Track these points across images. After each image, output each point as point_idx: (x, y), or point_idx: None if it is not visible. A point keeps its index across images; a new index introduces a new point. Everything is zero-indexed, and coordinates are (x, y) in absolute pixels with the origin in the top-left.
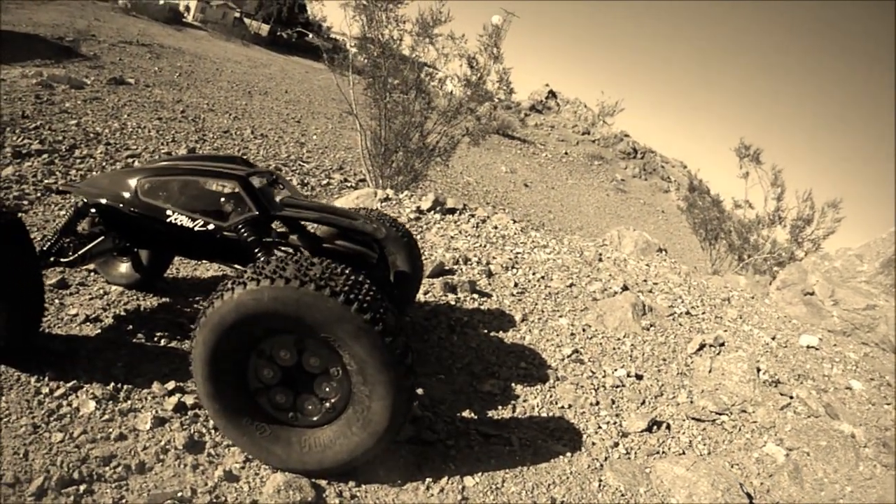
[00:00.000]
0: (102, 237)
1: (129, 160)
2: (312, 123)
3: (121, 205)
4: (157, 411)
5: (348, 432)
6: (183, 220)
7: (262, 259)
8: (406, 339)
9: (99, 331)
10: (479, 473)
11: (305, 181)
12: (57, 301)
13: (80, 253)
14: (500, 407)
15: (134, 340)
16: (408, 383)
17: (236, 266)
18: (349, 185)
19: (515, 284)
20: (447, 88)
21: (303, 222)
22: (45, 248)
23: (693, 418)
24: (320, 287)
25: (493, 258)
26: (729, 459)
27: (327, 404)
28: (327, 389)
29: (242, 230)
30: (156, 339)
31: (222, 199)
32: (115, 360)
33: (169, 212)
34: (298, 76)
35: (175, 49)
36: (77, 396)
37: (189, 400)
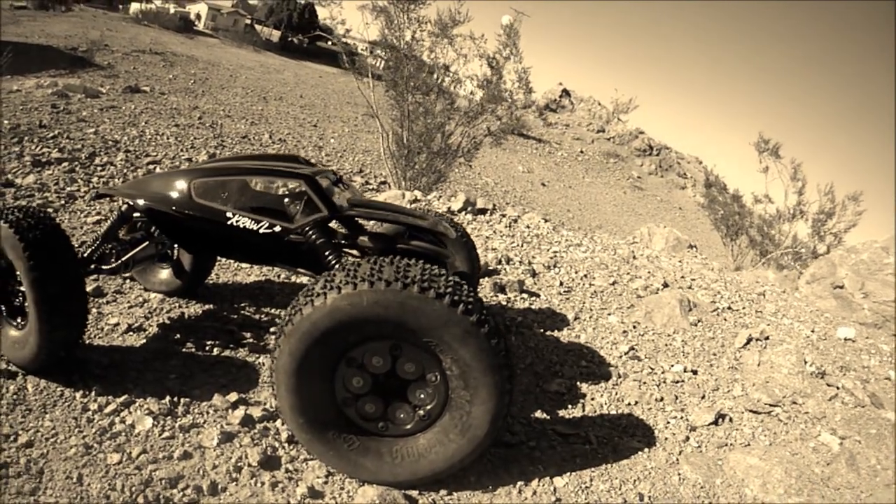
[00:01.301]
0: (146, 243)
1: (151, 167)
2: (329, 127)
3: (173, 208)
4: (222, 426)
5: (445, 439)
6: (246, 223)
7: (337, 261)
8: (506, 341)
9: (144, 341)
10: (567, 473)
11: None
12: (95, 310)
13: (122, 259)
14: (569, 406)
15: (183, 350)
16: (509, 386)
17: (300, 270)
18: (370, 187)
19: (561, 283)
20: (466, 89)
21: (362, 222)
22: (85, 255)
23: (750, 411)
24: (424, 289)
25: (533, 258)
26: (789, 450)
27: (421, 412)
28: (422, 396)
29: (311, 232)
30: (207, 348)
31: (286, 200)
32: (168, 372)
33: (229, 214)
34: (312, 81)
35: (188, 57)
36: (130, 412)
37: (256, 412)
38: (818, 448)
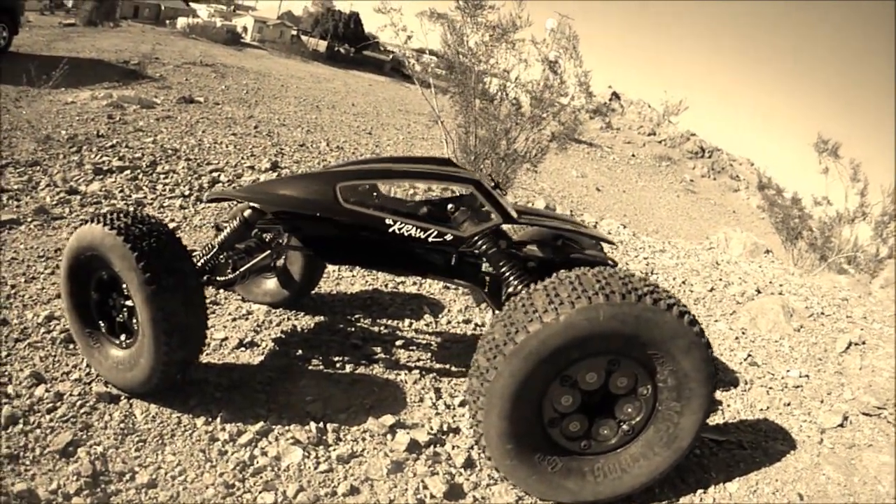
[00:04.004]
0: (267, 252)
1: (214, 174)
2: (384, 135)
3: (317, 213)
4: (385, 454)
5: (650, 453)
6: (411, 231)
7: (512, 273)
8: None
9: (261, 357)
10: (737, 479)
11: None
12: None
13: (241, 270)
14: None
15: (311, 368)
16: (714, 394)
17: (457, 281)
18: (432, 193)
19: None
20: (518, 95)
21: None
22: (198, 266)
23: (863, 413)
24: (656, 301)
25: (627, 264)
26: None
27: (625, 426)
28: (629, 410)
29: (484, 241)
30: (337, 364)
31: (451, 206)
32: (302, 394)
33: (389, 221)
34: (362, 89)
35: (238, 68)
36: (270, 442)
37: (420, 436)
38: None
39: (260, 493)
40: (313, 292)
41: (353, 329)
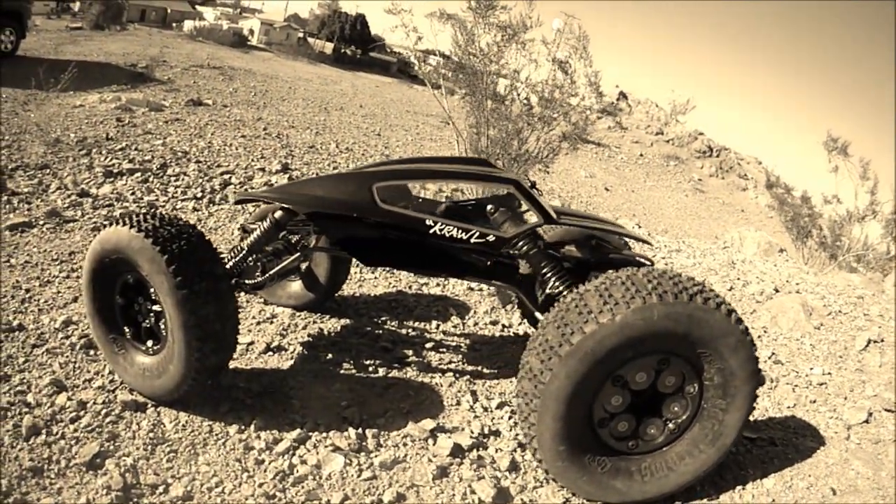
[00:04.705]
0: (297, 254)
1: (225, 176)
2: (392, 136)
3: (354, 214)
4: (429, 459)
5: (695, 450)
6: (452, 232)
7: (554, 273)
8: None
9: (291, 362)
10: (772, 475)
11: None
12: None
13: (270, 273)
14: None
15: (342, 372)
16: (756, 392)
17: (494, 282)
18: (444, 193)
19: None
20: (526, 95)
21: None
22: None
23: (886, 409)
24: (707, 300)
25: (647, 262)
26: None
27: (671, 425)
28: (676, 409)
29: (525, 242)
30: (370, 368)
31: (491, 206)
32: (336, 399)
33: (429, 222)
34: (369, 91)
35: (246, 70)
36: (309, 449)
37: (462, 440)
38: None
39: (303, 503)
40: (336, 294)
41: (380, 332)
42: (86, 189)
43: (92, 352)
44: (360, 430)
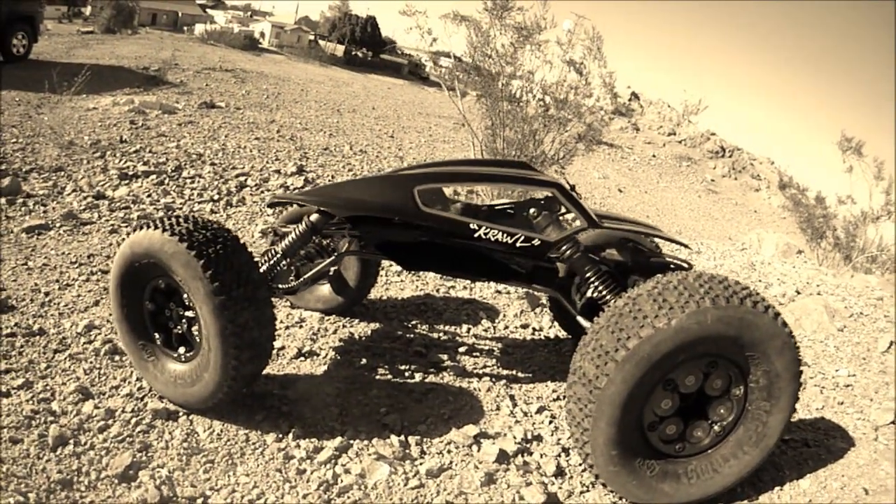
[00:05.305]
0: (331, 258)
1: (240, 178)
2: (405, 138)
3: (395, 218)
4: (475, 465)
5: (739, 452)
6: (497, 236)
7: (598, 278)
8: None
9: (324, 367)
10: (807, 476)
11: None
12: None
13: (304, 277)
14: None
15: (378, 378)
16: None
17: (535, 286)
18: (459, 195)
19: None
20: (547, 98)
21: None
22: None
23: None
24: (756, 303)
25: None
26: None
27: (716, 427)
28: (722, 411)
29: (568, 246)
30: (406, 374)
31: (533, 210)
32: (375, 405)
33: (474, 226)
34: (381, 93)
35: (258, 73)
36: (352, 458)
37: (508, 446)
38: None
39: None
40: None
41: (412, 336)
42: (101, 191)
43: (117, 357)
44: (402, 438)
